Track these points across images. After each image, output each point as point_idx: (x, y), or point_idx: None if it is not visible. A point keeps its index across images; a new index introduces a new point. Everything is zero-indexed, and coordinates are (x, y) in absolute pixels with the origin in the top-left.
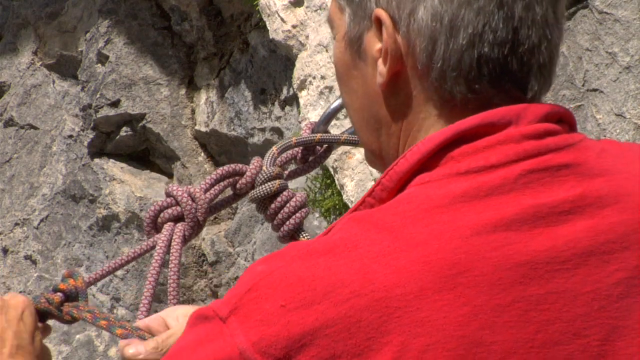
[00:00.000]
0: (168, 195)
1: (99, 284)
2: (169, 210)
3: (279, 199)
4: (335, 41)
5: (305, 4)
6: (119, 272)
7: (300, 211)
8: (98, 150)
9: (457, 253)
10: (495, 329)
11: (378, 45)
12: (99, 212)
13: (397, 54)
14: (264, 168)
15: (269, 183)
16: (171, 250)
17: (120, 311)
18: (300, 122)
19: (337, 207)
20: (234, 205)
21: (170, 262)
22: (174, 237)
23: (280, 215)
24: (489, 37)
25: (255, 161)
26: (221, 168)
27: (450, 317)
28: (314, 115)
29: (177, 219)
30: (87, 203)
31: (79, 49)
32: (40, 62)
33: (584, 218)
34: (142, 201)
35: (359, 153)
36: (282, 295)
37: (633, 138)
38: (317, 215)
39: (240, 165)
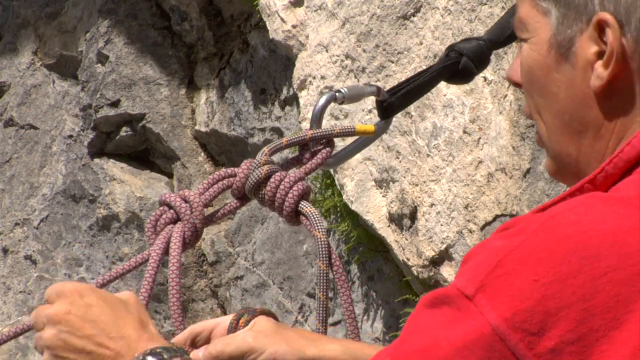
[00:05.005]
0: (162, 203)
1: (94, 281)
2: (165, 215)
3: (271, 180)
4: (531, 44)
5: (305, 4)
6: None
7: (297, 185)
8: (98, 150)
9: None
10: None
11: (594, 49)
12: (99, 212)
13: (621, 57)
14: (253, 161)
15: (258, 169)
16: (170, 248)
17: None
18: (300, 122)
19: (337, 207)
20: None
21: (169, 261)
22: (172, 236)
23: (278, 195)
24: None
25: (245, 161)
26: (215, 173)
27: None
28: None
29: (175, 222)
30: (87, 203)
31: (79, 49)
32: (40, 62)
33: None
34: (142, 201)
35: (359, 153)
36: (533, 270)
37: None
38: None
39: (233, 168)
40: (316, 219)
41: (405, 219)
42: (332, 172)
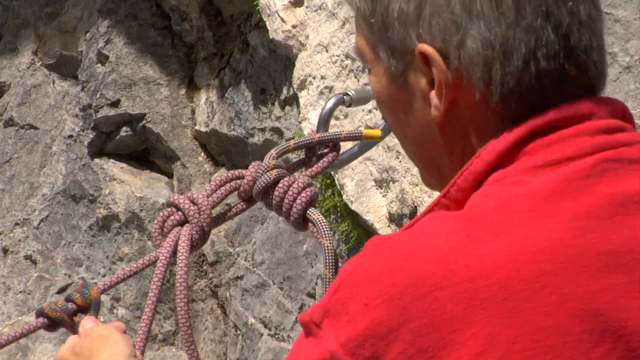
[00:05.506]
0: (169, 204)
1: (99, 284)
2: (173, 217)
3: (280, 185)
4: (372, 75)
5: (305, 4)
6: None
7: (305, 191)
8: (98, 150)
9: (540, 240)
10: (584, 317)
11: (424, 79)
12: (99, 212)
13: (451, 86)
14: (261, 164)
15: (267, 173)
16: (178, 251)
17: (121, 311)
18: (300, 122)
19: (337, 207)
20: (234, 204)
21: (177, 264)
22: (180, 239)
23: (286, 201)
24: (542, 52)
25: (253, 164)
26: (222, 174)
27: (537, 307)
28: (314, 115)
29: (183, 224)
30: (87, 203)
31: (79, 49)
32: (40, 62)
33: None
34: (142, 201)
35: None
36: (365, 293)
37: None
38: None
39: (241, 170)
40: (324, 226)
41: (405, 219)
42: (332, 172)
